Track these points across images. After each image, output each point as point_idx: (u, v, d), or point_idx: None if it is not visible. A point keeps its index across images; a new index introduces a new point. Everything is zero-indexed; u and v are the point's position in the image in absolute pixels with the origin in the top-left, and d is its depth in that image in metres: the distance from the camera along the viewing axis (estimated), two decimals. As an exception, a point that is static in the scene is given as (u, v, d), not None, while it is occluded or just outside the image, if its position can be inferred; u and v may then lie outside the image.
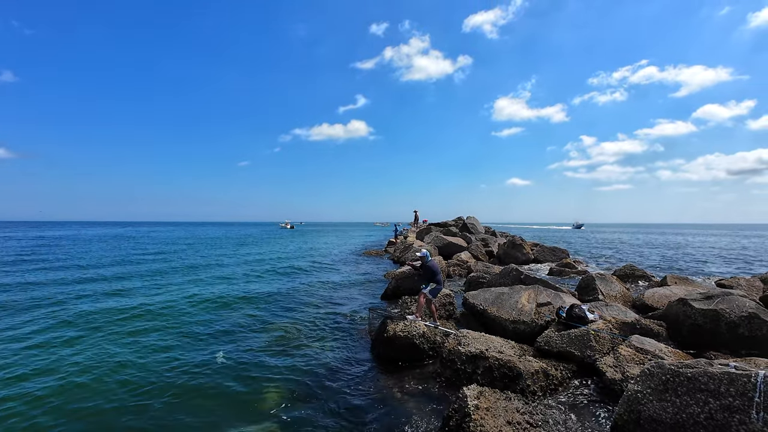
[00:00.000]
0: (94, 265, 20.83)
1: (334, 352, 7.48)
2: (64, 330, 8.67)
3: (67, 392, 5.66)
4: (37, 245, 35.28)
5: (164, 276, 17.41)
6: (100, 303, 11.46)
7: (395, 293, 12.47)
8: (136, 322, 9.39)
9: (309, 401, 5.50)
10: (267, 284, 15.50)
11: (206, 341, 8.02)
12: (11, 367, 6.51)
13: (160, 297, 12.44)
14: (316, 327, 9.09)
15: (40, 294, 12.67)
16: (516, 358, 5.64)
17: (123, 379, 6.14)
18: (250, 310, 10.90)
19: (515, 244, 20.59)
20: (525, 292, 8.26)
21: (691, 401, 3.23)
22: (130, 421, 4.94)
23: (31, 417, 4.98)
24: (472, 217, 36.18)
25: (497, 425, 4.05)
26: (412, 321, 7.43)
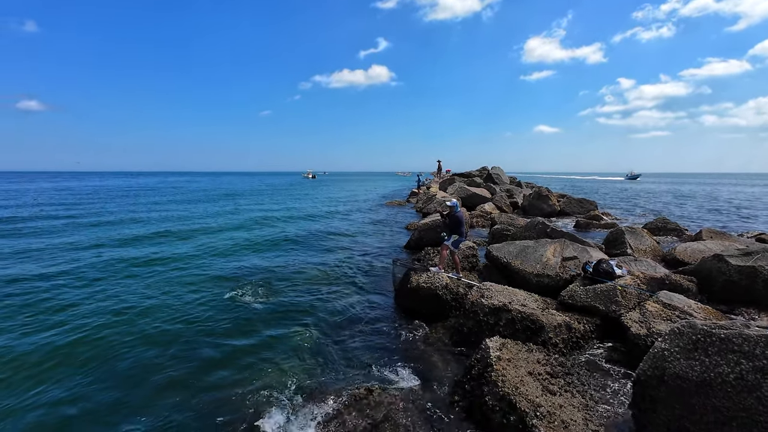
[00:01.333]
0: (136, 218, 21.90)
1: (357, 301, 7.76)
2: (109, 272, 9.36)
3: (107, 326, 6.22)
4: (80, 195, 37.22)
5: (194, 222, 18.19)
6: (140, 249, 12.18)
7: (418, 244, 12.60)
8: (173, 265, 9.98)
9: (332, 347, 5.82)
10: (290, 235, 15.94)
11: (232, 286, 8.46)
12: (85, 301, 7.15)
13: (188, 245, 13.07)
14: (338, 276, 9.40)
15: (82, 239, 13.58)
16: (539, 311, 5.69)
17: (158, 315, 6.65)
18: (274, 259, 11.33)
19: (541, 195, 20.07)
20: (550, 246, 8.14)
21: (722, 361, 3.19)
22: (159, 351, 5.44)
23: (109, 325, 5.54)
24: (497, 167, 35.22)
25: (518, 375, 4.18)
26: (435, 273, 7.53)
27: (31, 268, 9.66)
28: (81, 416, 4.19)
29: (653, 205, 27.58)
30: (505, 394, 3.93)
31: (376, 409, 4.22)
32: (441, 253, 7.97)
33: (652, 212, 22.55)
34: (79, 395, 4.53)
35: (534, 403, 3.82)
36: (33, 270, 9.52)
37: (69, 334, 6.05)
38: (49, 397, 4.46)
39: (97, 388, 4.68)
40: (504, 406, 3.90)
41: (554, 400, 3.97)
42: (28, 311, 6.91)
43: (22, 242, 12.99)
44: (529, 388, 4.05)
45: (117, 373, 5.02)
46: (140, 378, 4.90)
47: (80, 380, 4.83)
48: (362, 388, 4.62)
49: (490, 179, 31.06)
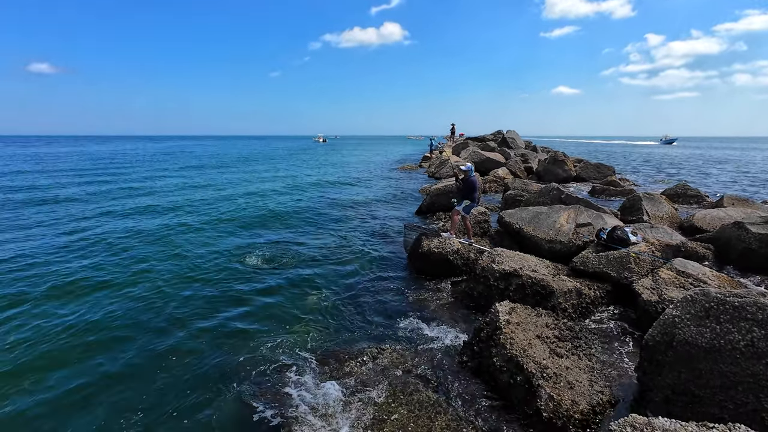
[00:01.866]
0: (154, 186, 22.25)
1: (370, 264, 7.90)
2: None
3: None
4: (101, 161, 37.81)
5: (211, 189, 18.44)
6: (158, 219, 12.49)
7: (430, 209, 12.59)
8: (191, 233, 10.26)
9: (346, 307, 6.00)
10: (303, 200, 16.06)
11: (249, 252, 8.66)
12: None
13: (206, 213, 13.33)
14: (352, 240, 9.52)
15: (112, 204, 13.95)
16: (549, 277, 5.71)
17: (179, 279, 6.93)
18: (287, 223, 11.49)
19: (557, 160, 19.57)
20: (564, 212, 8.03)
21: (733, 329, 3.19)
22: (175, 305, 5.74)
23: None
24: (512, 131, 34.25)
25: (527, 338, 4.27)
26: (446, 238, 7.56)
27: (43, 238, 10.04)
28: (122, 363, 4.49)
29: (677, 171, 26.70)
30: (512, 356, 4.04)
31: (388, 367, 4.41)
32: (452, 219, 7.96)
33: (674, 178, 21.86)
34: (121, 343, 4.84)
35: (541, 365, 3.92)
36: (45, 240, 9.90)
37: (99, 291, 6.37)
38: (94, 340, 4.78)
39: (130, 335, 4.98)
40: (511, 367, 4.02)
41: (561, 362, 4.07)
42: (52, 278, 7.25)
43: (28, 211, 13.44)
44: (536, 350, 4.14)
45: (150, 324, 5.33)
46: (166, 329, 5.19)
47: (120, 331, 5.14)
48: (375, 347, 4.81)
49: (504, 143, 30.31)
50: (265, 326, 5.39)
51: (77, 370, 4.41)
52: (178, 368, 4.44)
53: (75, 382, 4.19)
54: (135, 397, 3.98)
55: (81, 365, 4.50)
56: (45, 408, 3.82)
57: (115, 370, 4.44)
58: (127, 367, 4.48)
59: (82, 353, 4.72)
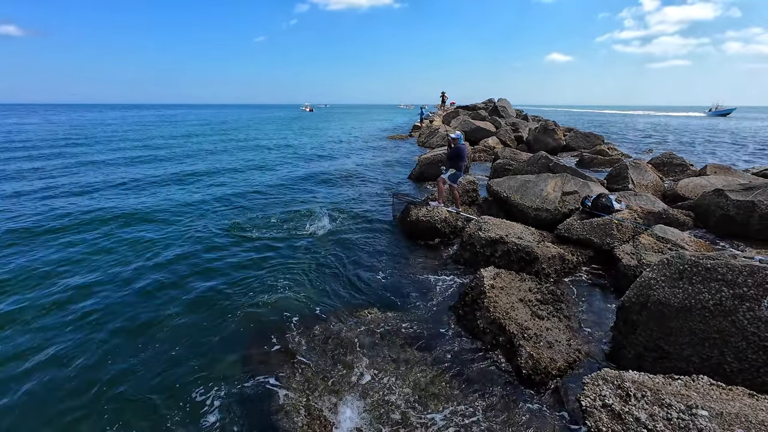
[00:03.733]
0: (147, 156, 21.63)
1: (359, 230, 7.95)
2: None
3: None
4: (78, 130, 36.44)
5: (200, 160, 18.06)
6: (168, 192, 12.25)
7: (419, 179, 12.59)
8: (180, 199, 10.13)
9: (336, 271, 6.10)
10: (292, 168, 15.86)
11: (239, 222, 8.63)
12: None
13: (197, 184, 13.11)
14: (341, 208, 9.52)
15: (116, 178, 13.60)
16: (534, 244, 5.84)
17: (174, 247, 6.91)
18: (278, 192, 11.40)
19: (547, 129, 19.50)
20: (551, 181, 8.10)
21: (704, 289, 3.34)
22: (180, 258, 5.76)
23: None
24: (504, 100, 33.80)
25: (510, 302, 4.42)
26: (434, 207, 7.61)
27: (39, 210, 9.81)
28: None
29: (663, 140, 26.88)
30: (495, 318, 4.19)
31: (375, 328, 4.55)
32: (438, 187, 7.98)
33: (662, 147, 22.04)
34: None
35: (522, 326, 4.09)
36: (43, 209, 9.69)
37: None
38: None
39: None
40: (494, 329, 4.18)
41: (542, 324, 4.24)
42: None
43: (22, 184, 13.04)
44: (518, 313, 4.30)
45: (158, 284, 5.37)
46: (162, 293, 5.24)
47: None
48: (363, 309, 4.95)
49: (495, 113, 29.97)
50: (255, 290, 5.46)
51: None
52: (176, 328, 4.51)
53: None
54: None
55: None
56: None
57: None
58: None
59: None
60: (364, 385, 3.67)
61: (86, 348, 4.25)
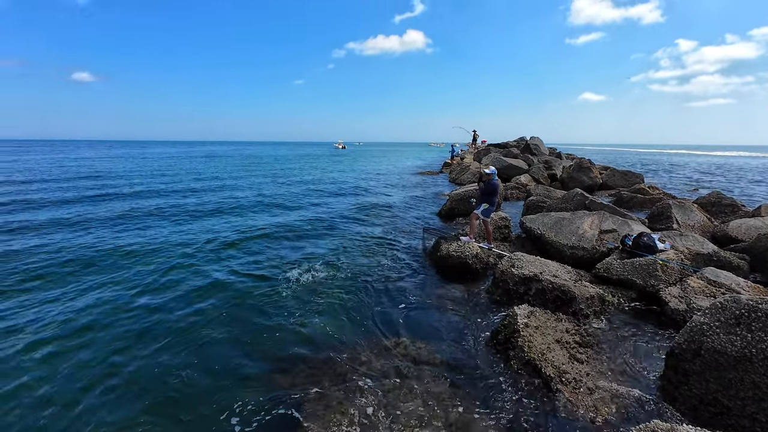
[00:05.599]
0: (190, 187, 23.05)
1: (388, 265, 7.90)
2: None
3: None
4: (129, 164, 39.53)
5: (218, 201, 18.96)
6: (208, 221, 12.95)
7: (449, 214, 12.54)
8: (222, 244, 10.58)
9: (362, 301, 6.06)
10: (325, 202, 16.27)
11: (271, 253, 8.85)
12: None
13: (216, 223, 13.71)
14: (370, 241, 9.58)
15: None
16: (571, 282, 5.59)
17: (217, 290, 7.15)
18: (310, 226, 11.67)
19: (582, 167, 19.09)
20: (588, 218, 7.85)
21: (766, 337, 3.04)
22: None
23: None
24: (536, 138, 33.67)
25: (545, 342, 4.19)
26: (465, 242, 7.51)
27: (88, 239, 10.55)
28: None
29: (712, 180, 25.55)
30: (530, 359, 3.97)
31: (404, 359, 4.42)
32: (471, 222, 7.91)
33: (709, 188, 20.95)
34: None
35: (560, 370, 3.85)
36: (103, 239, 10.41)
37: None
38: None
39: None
40: (529, 370, 3.96)
41: (581, 368, 3.98)
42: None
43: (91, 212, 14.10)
44: (555, 355, 4.06)
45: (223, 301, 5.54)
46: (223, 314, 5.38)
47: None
48: (391, 339, 4.85)
49: (527, 150, 29.83)
50: (279, 315, 5.49)
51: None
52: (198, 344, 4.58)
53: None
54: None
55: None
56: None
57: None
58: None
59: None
60: (389, 419, 3.53)
61: (141, 353, 4.38)
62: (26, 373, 4.27)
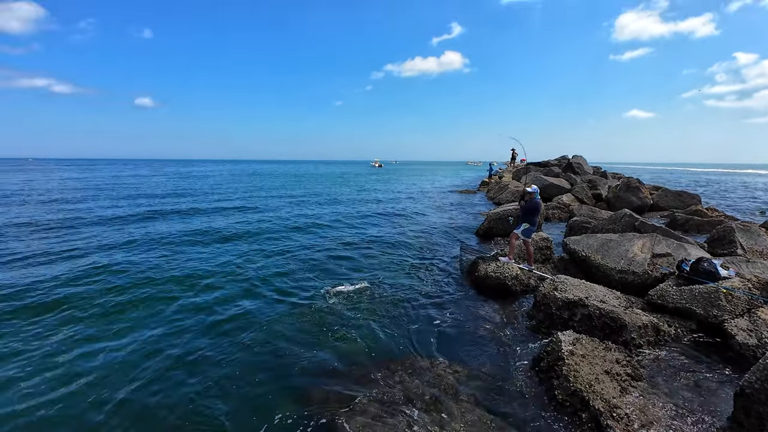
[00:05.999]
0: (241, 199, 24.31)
1: (425, 283, 7.79)
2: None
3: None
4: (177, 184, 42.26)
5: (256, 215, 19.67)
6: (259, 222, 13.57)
7: (487, 233, 12.25)
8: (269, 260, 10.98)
9: (399, 319, 5.98)
10: (360, 220, 16.46)
11: (308, 273, 9.02)
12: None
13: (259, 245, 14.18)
14: (407, 260, 9.52)
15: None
16: (621, 309, 5.22)
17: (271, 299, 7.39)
18: (345, 243, 11.82)
19: (630, 187, 18.08)
20: (639, 241, 7.37)
21: None
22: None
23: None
24: (579, 157, 32.46)
25: (593, 373, 3.91)
26: (504, 263, 7.28)
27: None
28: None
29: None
30: (577, 390, 3.72)
31: (439, 380, 4.29)
32: (510, 242, 7.66)
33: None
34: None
35: (610, 404, 3.57)
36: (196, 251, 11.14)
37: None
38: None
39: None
40: (576, 402, 3.70)
41: (634, 403, 3.66)
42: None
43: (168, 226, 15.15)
44: (605, 387, 3.78)
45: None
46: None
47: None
48: (427, 360, 4.73)
49: (570, 169, 28.76)
50: (317, 331, 5.53)
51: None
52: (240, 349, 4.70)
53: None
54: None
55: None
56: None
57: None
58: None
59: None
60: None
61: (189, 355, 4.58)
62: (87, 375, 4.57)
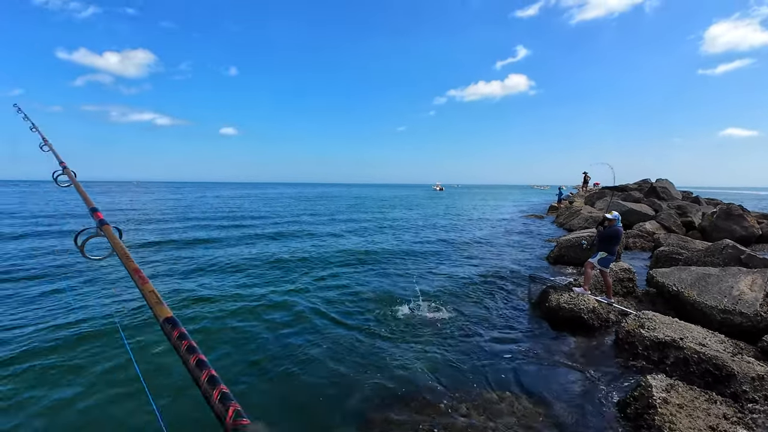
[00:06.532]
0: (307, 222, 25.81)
1: (490, 311, 7.43)
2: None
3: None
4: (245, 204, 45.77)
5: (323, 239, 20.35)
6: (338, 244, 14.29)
7: (557, 261, 11.48)
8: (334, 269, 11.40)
9: (464, 348, 5.71)
10: (424, 245, 16.35)
11: (372, 295, 9.09)
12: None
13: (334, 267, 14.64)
14: (471, 286, 9.18)
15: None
16: (727, 355, 4.51)
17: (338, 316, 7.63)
18: (407, 267, 11.77)
19: (731, 214, 15.86)
20: (746, 277, 6.39)
21: None
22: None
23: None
24: (664, 180, 29.37)
25: (695, 427, 3.38)
26: (579, 294, 6.72)
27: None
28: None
29: None
30: (674, 446, 3.23)
31: (508, 416, 3.99)
32: (585, 272, 7.07)
33: None
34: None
35: (718, 467, 3.04)
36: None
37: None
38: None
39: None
40: (672, 460, 3.21)
41: (750, 470, 3.08)
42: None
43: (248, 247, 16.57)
44: (710, 446, 3.24)
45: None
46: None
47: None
48: (493, 392, 4.45)
49: (654, 194, 26.10)
50: (379, 357, 5.48)
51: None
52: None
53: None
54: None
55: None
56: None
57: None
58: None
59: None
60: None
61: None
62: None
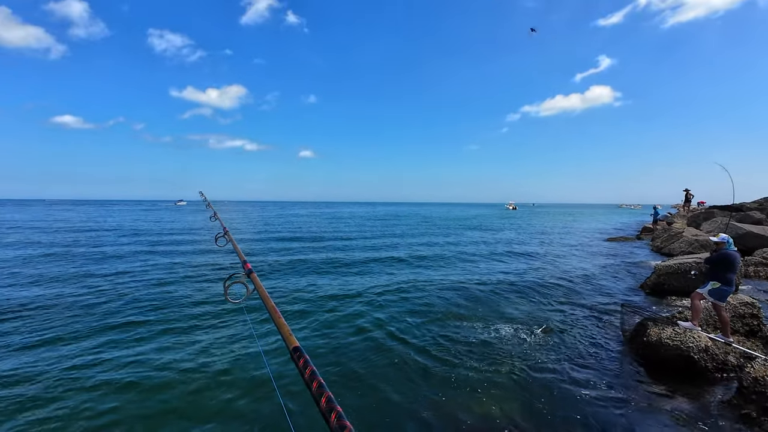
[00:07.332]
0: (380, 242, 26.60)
1: (578, 341, 6.82)
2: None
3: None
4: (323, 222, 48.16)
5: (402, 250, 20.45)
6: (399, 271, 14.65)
7: (655, 290, 10.22)
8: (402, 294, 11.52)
9: (543, 385, 5.30)
10: (498, 265, 15.70)
11: (445, 316, 8.93)
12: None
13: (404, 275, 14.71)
14: (556, 313, 8.56)
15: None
16: None
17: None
18: (478, 292, 11.36)
19: None
20: None
21: None
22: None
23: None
24: (794, 198, 24.70)
25: None
26: (686, 329, 5.89)
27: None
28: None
29: None
30: None
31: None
32: (693, 304, 6.17)
33: None
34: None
35: None
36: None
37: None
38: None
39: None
40: None
41: None
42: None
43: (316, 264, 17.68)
44: None
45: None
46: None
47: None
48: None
49: (779, 214, 22.08)
50: (462, 387, 5.33)
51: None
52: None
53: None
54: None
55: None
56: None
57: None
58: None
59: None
60: None
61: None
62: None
